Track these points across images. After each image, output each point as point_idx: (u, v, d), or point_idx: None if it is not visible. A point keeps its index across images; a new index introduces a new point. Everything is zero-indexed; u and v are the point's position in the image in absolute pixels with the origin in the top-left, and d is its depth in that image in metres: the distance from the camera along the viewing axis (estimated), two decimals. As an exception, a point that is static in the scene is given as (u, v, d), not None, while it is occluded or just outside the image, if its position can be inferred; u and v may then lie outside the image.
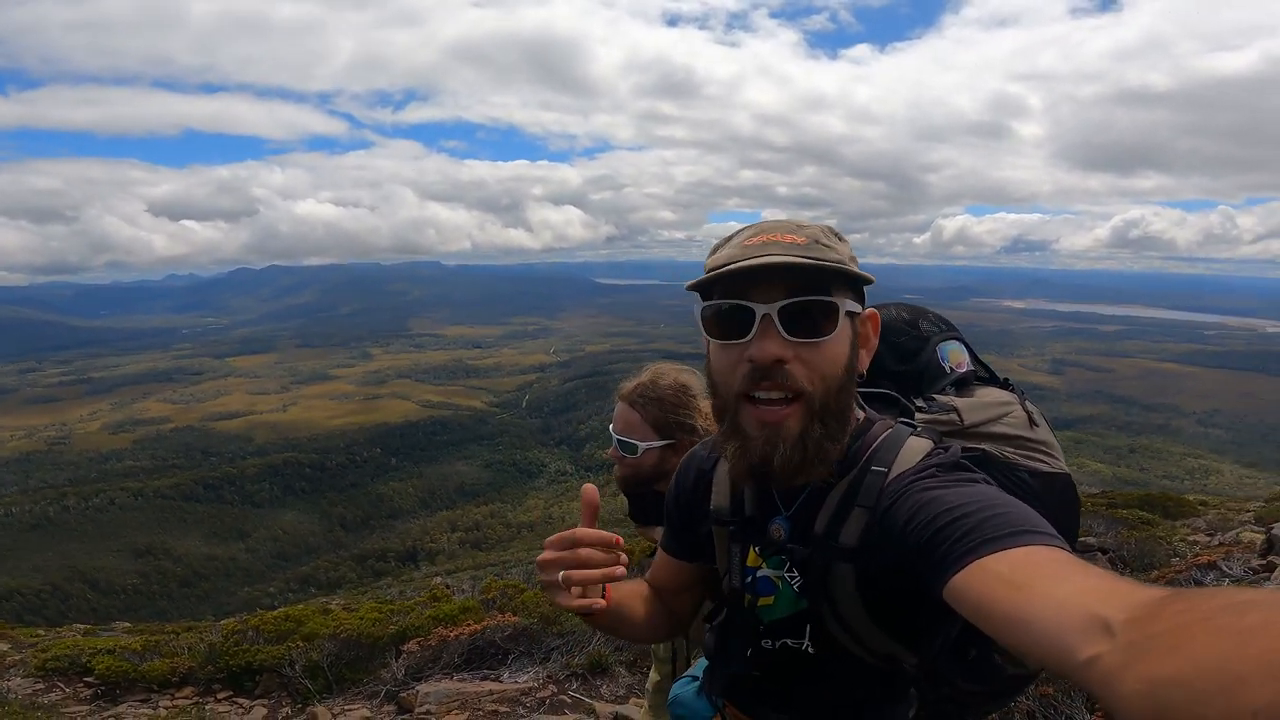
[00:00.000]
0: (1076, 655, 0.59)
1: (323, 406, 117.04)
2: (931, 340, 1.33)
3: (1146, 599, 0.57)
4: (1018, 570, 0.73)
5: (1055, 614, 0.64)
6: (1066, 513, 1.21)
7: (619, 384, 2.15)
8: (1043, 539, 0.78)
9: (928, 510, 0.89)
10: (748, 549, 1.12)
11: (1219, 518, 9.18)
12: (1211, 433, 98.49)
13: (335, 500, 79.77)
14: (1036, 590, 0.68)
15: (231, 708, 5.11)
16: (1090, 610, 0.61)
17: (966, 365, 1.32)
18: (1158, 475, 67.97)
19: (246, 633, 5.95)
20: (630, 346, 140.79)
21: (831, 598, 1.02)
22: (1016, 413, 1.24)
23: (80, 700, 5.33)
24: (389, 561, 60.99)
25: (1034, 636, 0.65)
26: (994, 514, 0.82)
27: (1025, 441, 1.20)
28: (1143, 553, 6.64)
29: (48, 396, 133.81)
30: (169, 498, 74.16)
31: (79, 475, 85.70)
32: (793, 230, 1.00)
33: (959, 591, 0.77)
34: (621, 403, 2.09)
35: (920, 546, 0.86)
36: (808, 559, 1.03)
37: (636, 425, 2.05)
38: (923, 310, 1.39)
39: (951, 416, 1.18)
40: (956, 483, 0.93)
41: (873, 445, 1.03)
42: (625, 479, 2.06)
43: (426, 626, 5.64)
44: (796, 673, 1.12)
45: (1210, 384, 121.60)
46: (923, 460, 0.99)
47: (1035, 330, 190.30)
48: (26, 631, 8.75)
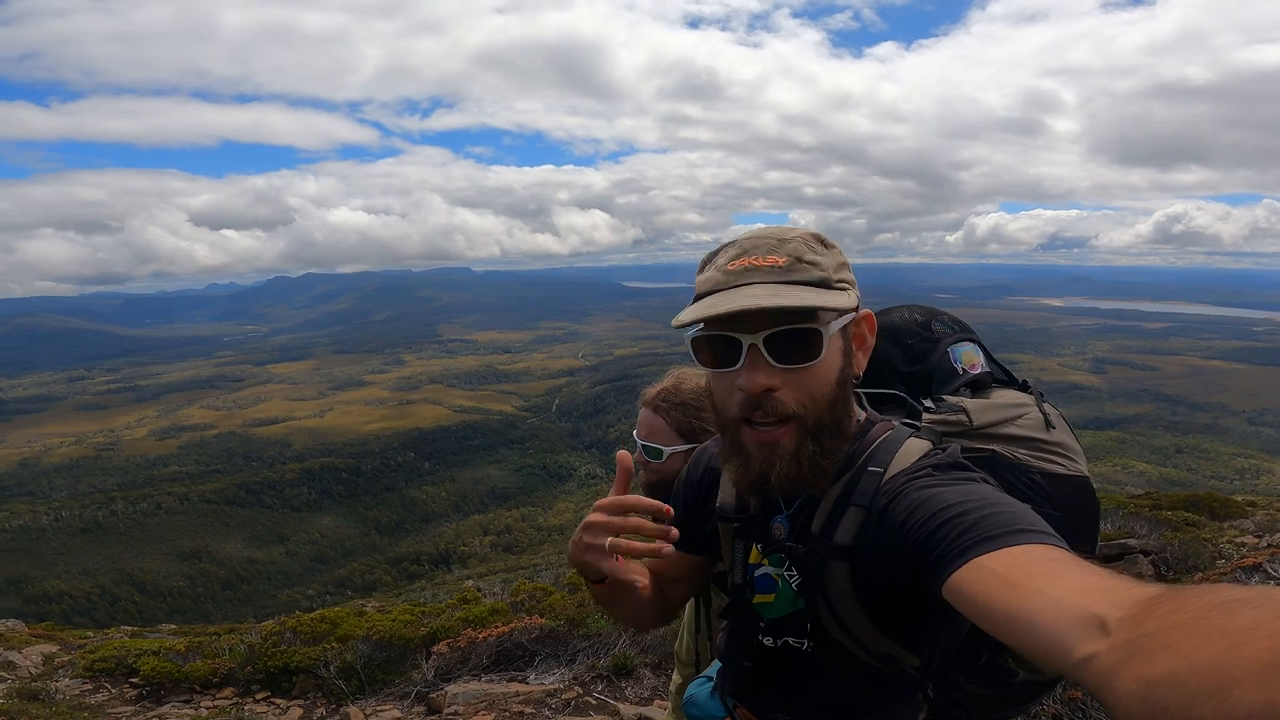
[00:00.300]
0: (1072, 654, 0.59)
1: (358, 412, 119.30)
2: (943, 342, 1.32)
3: (1141, 597, 0.58)
4: (1014, 568, 0.73)
5: (1051, 612, 0.64)
6: (1083, 516, 1.20)
7: (641, 390, 2.16)
8: (1040, 537, 0.78)
9: (924, 509, 0.89)
10: (750, 546, 1.13)
11: (1268, 519, 8.84)
12: (1262, 431, 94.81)
13: (370, 504, 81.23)
14: (1033, 588, 0.69)
15: (269, 708, 5.25)
16: (1086, 608, 0.61)
17: (981, 367, 1.30)
18: (1205, 476, 65.68)
19: (284, 634, 6.10)
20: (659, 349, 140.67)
21: (827, 596, 1.02)
22: (1031, 414, 1.22)
23: (125, 701, 5.50)
24: (423, 564, 61.82)
25: (1030, 634, 0.66)
26: (991, 512, 0.83)
27: (1039, 443, 1.19)
28: (1186, 554, 6.42)
29: (96, 404, 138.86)
30: (213, 502, 76.26)
31: (126, 480, 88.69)
32: (774, 248, 0.99)
33: (957, 589, 0.78)
34: (645, 408, 2.11)
35: (918, 545, 0.87)
36: (805, 557, 1.04)
37: (661, 430, 2.07)
38: (936, 312, 1.38)
39: (960, 417, 1.17)
40: (953, 481, 0.93)
41: (871, 445, 1.04)
42: (651, 485, 2.07)
43: (456, 628, 5.72)
44: (797, 672, 1.12)
45: (1259, 381, 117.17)
46: (919, 460, 1.00)
47: (1075, 328, 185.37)
48: (75, 633, 9.04)
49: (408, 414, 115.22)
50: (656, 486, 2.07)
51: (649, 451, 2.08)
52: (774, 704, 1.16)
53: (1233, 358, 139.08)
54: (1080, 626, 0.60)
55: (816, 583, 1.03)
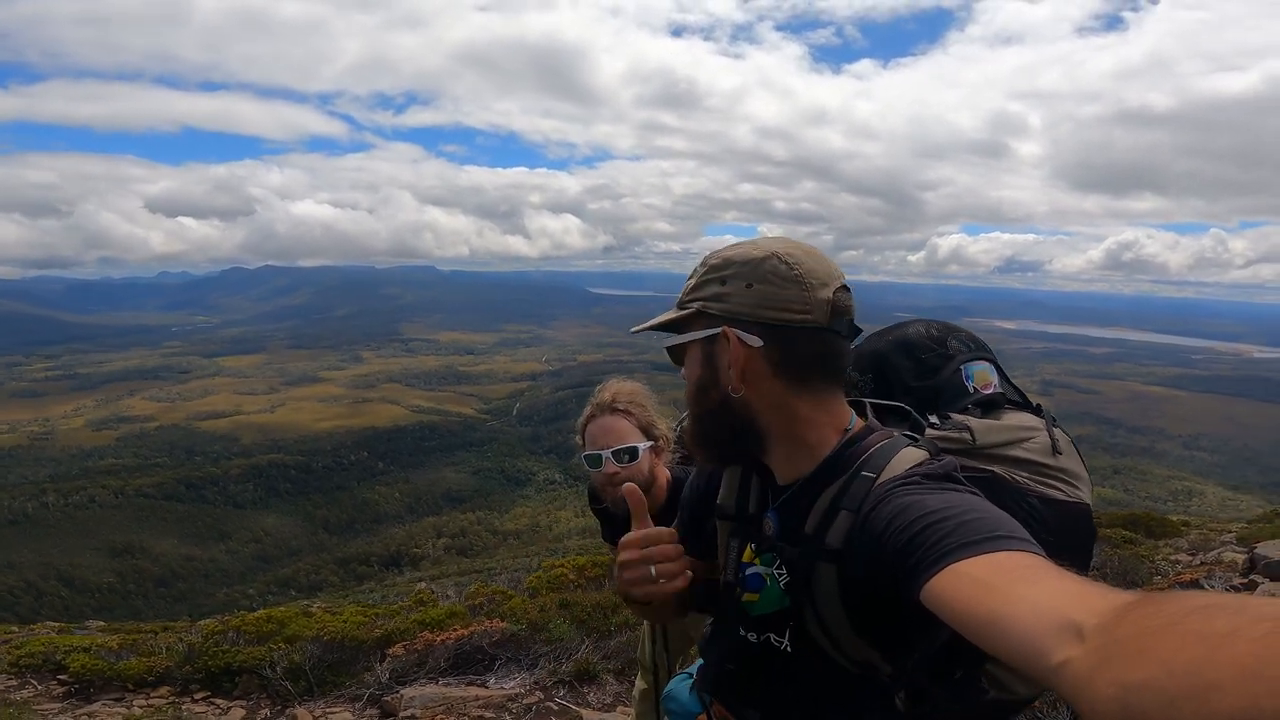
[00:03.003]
0: (1049, 659, 0.60)
1: (310, 409, 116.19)
2: (956, 359, 1.30)
3: (1117, 603, 0.58)
4: (992, 574, 0.74)
5: (1028, 618, 0.64)
6: (1077, 542, 1.20)
7: (584, 408, 2.23)
8: (1018, 544, 0.79)
9: (906, 515, 0.90)
10: (745, 545, 1.16)
11: (1201, 538, 9.25)
12: (1196, 455, 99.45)
13: (319, 503, 79.07)
14: (1010, 594, 0.69)
15: (209, 708, 5.05)
16: (1062, 614, 0.61)
17: (994, 387, 1.28)
18: (1141, 496, 68.37)
19: (227, 634, 5.88)
20: (623, 357, 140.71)
21: (813, 597, 1.04)
22: (1039, 438, 1.21)
23: (53, 698, 5.26)
24: (372, 565, 60.40)
25: (1007, 640, 0.66)
26: (971, 519, 0.84)
27: (1042, 468, 1.19)
28: (1126, 570, 6.68)
29: (33, 391, 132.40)
30: (150, 496, 73.38)
31: (60, 471, 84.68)
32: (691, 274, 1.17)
33: (934, 595, 0.79)
34: (605, 415, 2.14)
35: (897, 550, 0.88)
36: (795, 558, 1.07)
37: (629, 431, 2.11)
38: (954, 328, 1.37)
39: (963, 435, 1.17)
40: (939, 490, 0.95)
41: (867, 452, 1.06)
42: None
43: (412, 630, 5.60)
44: (775, 669, 1.14)
45: (1195, 408, 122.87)
46: (911, 468, 1.01)
47: (1026, 351, 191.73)
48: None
49: (363, 412, 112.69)
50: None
51: (622, 455, 2.10)
52: (749, 700, 1.18)
53: (1171, 384, 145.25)
54: (1056, 632, 0.60)
55: (804, 583, 1.05)
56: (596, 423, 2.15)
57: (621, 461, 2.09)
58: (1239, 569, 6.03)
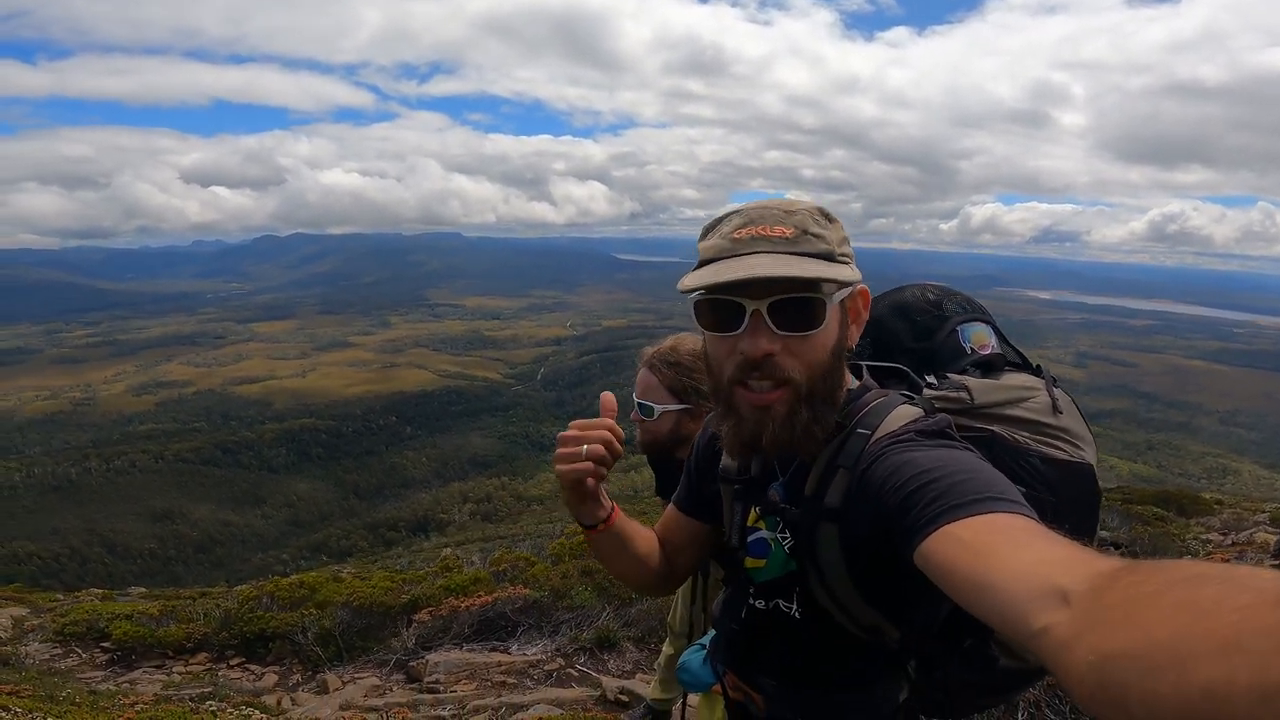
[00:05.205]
0: (1031, 624, 0.59)
1: (340, 374, 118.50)
2: (951, 320, 1.30)
3: (1105, 569, 0.57)
4: (981, 536, 0.74)
5: (1014, 582, 0.64)
6: (1082, 504, 1.18)
7: (639, 351, 2.23)
8: (1008, 505, 0.79)
9: (900, 473, 0.90)
10: (749, 509, 1.15)
11: (1234, 517, 9.07)
12: (1233, 432, 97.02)
13: (350, 468, 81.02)
14: (997, 557, 0.69)
15: (244, 674, 5.23)
16: (1049, 579, 0.61)
17: (992, 348, 1.27)
18: (1175, 472, 67.21)
19: (261, 599, 6.07)
20: (648, 323, 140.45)
21: (817, 560, 1.04)
22: (1039, 398, 1.19)
23: (96, 665, 5.47)
24: (400, 531, 61.81)
25: (993, 604, 0.66)
26: (962, 479, 0.84)
27: (1043, 427, 1.17)
28: (1156, 549, 6.57)
29: (74, 357, 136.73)
30: (188, 461, 75.71)
31: (101, 436, 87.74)
32: (781, 219, 1.02)
33: (927, 557, 0.79)
34: (642, 368, 2.17)
35: (893, 510, 0.89)
36: (798, 519, 1.06)
37: (654, 388, 2.13)
38: (951, 291, 1.37)
39: (961, 395, 1.15)
40: (933, 446, 0.95)
41: (863, 410, 1.06)
42: (646, 444, 2.15)
43: (438, 596, 5.72)
44: (786, 637, 1.13)
45: (1235, 383, 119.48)
46: (906, 424, 1.02)
47: (1061, 322, 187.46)
48: (45, 596, 8.95)
49: (391, 377, 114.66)
50: (650, 447, 2.14)
51: (643, 409, 2.14)
52: (762, 668, 1.18)
53: (1212, 358, 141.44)
54: (1041, 597, 0.60)
55: (808, 545, 1.05)
56: (639, 372, 2.19)
57: (645, 415, 2.13)
58: (1270, 550, 5.88)
